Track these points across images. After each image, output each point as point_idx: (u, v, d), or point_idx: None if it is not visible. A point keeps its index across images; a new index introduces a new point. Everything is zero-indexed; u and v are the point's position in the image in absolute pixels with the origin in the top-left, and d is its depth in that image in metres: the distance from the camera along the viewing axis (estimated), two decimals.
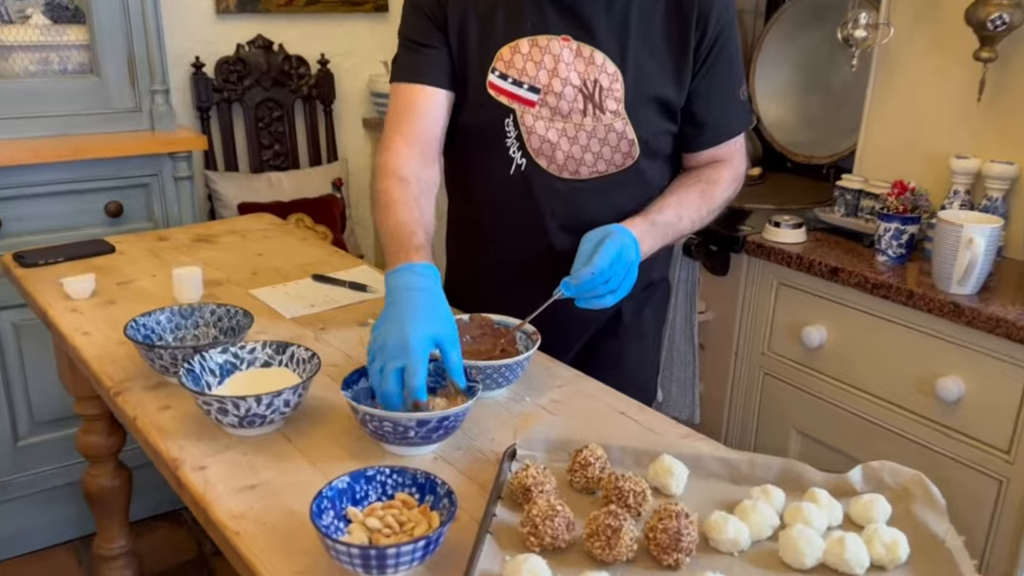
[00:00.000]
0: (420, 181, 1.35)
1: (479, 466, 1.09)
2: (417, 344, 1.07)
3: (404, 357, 1.06)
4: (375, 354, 1.09)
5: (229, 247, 1.94)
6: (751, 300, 1.88)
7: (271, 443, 1.14)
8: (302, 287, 1.69)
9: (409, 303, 1.12)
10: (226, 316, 1.38)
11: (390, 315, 1.11)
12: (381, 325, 1.11)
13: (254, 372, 1.23)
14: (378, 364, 1.08)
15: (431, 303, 1.14)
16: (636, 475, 1.00)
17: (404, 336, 1.07)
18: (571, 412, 1.23)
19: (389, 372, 1.06)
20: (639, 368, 1.56)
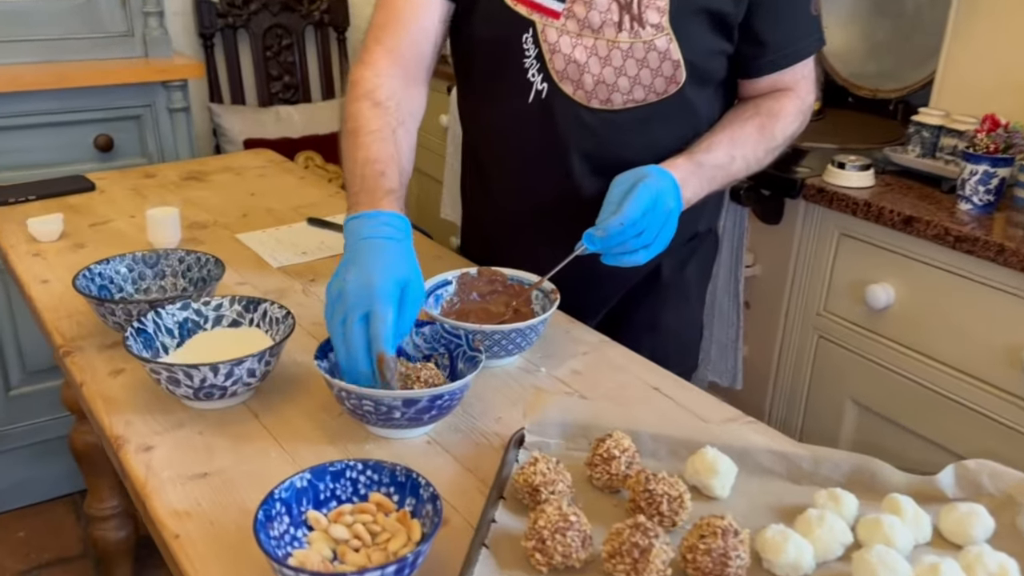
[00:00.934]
0: (400, 107, 1.12)
1: (480, 454, 0.90)
2: (384, 286, 0.88)
3: (368, 302, 0.87)
4: (333, 305, 0.89)
5: (221, 186, 1.75)
6: (807, 253, 1.65)
7: (234, 419, 0.95)
8: (295, 232, 1.49)
9: (372, 250, 0.92)
10: (195, 265, 1.19)
11: (350, 263, 0.92)
12: (338, 275, 0.91)
13: (219, 333, 1.05)
14: (338, 315, 0.88)
15: (399, 253, 0.94)
16: (671, 473, 0.80)
17: (368, 278, 0.88)
18: (594, 386, 1.03)
19: (352, 322, 0.87)
20: (680, 332, 1.35)
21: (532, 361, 1.09)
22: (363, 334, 0.87)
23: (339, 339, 0.88)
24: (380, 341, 0.86)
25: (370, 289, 0.88)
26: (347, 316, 0.87)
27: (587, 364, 1.08)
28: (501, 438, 0.93)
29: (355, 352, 0.87)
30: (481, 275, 1.15)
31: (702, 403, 1.01)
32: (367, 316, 0.87)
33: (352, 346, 0.87)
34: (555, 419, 0.91)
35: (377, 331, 0.86)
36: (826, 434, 1.67)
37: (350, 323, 0.87)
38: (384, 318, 0.87)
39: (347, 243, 0.95)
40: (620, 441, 0.84)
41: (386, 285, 0.88)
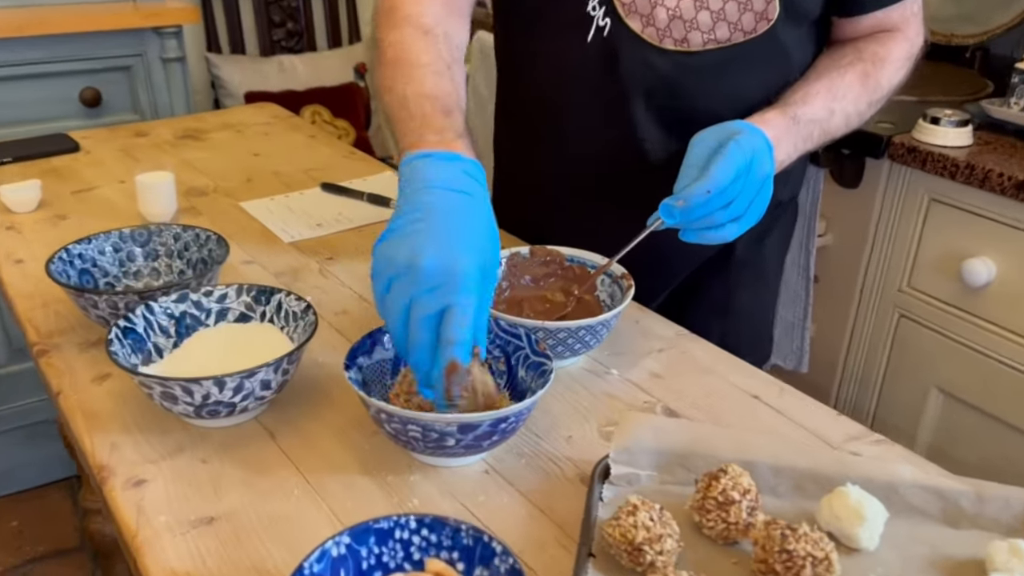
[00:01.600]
0: (450, 39, 0.91)
1: (552, 487, 0.73)
2: (470, 270, 0.67)
3: (449, 291, 0.66)
4: (394, 279, 0.68)
5: (220, 145, 1.55)
6: (890, 220, 1.46)
7: (245, 440, 0.77)
8: (307, 200, 1.30)
9: (453, 211, 0.71)
10: (194, 243, 1.00)
11: (419, 222, 0.69)
12: (398, 233, 0.69)
13: (225, 330, 0.86)
14: (401, 297, 0.67)
15: (483, 218, 0.73)
16: (807, 522, 0.63)
17: (450, 255, 0.67)
18: (679, 393, 0.85)
19: (422, 315, 0.66)
20: (754, 316, 1.17)
21: (599, 361, 0.90)
22: (431, 331, 0.67)
23: (399, 330, 0.68)
24: (455, 347, 0.66)
25: (453, 273, 0.66)
26: (415, 303, 0.66)
27: (666, 364, 0.90)
28: (575, 465, 0.75)
29: (418, 353, 0.67)
30: (534, 255, 0.96)
31: (815, 415, 0.83)
32: (443, 310, 0.67)
33: (416, 345, 0.67)
34: (647, 445, 0.73)
35: (454, 333, 0.66)
36: (903, 424, 1.49)
37: (419, 315, 0.66)
38: (466, 316, 0.66)
39: (410, 190, 0.72)
40: (738, 480, 0.66)
41: (472, 269, 0.67)
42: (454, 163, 0.74)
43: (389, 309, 0.69)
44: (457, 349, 0.66)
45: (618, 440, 0.73)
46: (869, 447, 0.78)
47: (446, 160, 0.74)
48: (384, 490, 0.72)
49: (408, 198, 0.72)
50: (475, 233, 0.70)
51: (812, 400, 0.85)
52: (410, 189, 0.72)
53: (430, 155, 0.74)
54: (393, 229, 0.70)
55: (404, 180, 0.74)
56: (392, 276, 0.68)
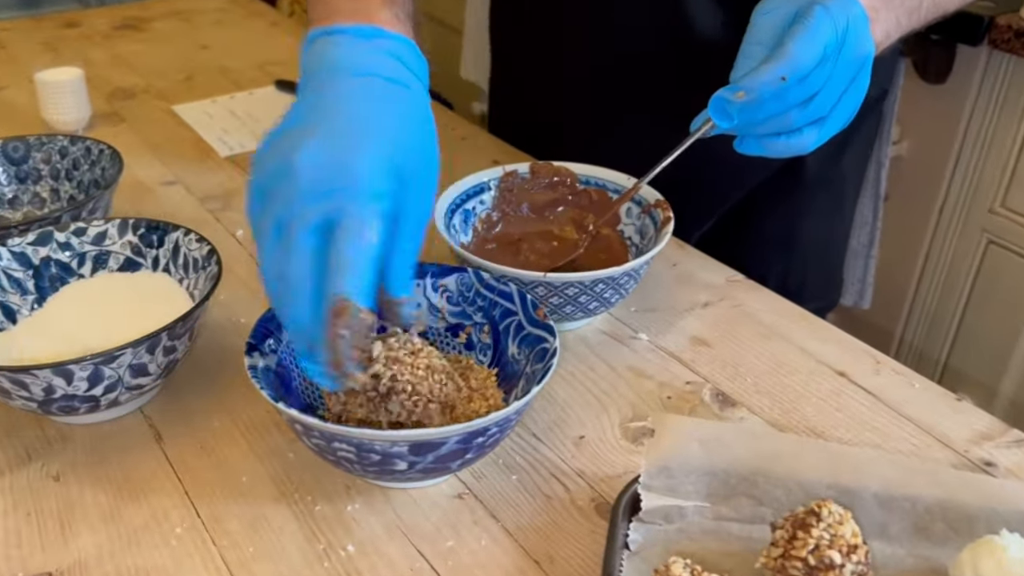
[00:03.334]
0: None
1: (555, 521, 0.50)
2: (371, 166, 0.45)
3: (336, 195, 0.44)
4: (265, 192, 0.45)
5: (163, 37, 1.28)
6: (984, 124, 1.18)
7: (120, 444, 0.55)
8: (256, 101, 1.04)
9: (355, 97, 0.48)
10: (84, 159, 0.75)
11: (307, 114, 0.47)
12: (279, 137, 0.47)
13: (104, 281, 0.62)
14: (270, 212, 0.45)
15: (405, 106, 0.49)
16: None
17: (341, 149, 0.45)
18: (735, 370, 0.61)
19: (298, 229, 0.43)
20: (824, 251, 0.92)
21: (623, 320, 0.66)
22: (314, 257, 0.44)
23: (271, 259, 0.45)
24: (344, 277, 0.43)
25: (344, 170, 0.44)
26: (291, 217, 0.44)
27: (714, 324, 0.66)
28: (588, 483, 0.52)
29: (293, 289, 0.44)
30: (536, 174, 0.71)
31: (927, 402, 0.58)
32: (328, 223, 0.44)
33: (291, 276, 0.43)
34: (694, 462, 0.49)
35: (343, 255, 0.43)
36: (982, 374, 1.25)
37: (293, 234, 0.43)
38: (363, 231, 0.43)
39: (309, 82, 0.50)
40: (838, 529, 0.43)
41: (374, 165, 0.44)
42: (373, 41, 0.50)
43: (258, 239, 0.45)
44: (347, 281, 0.43)
45: (653, 455, 0.49)
46: (1007, 452, 0.54)
47: (361, 37, 0.50)
48: (307, 529, 0.49)
49: (301, 88, 0.49)
50: (388, 122, 0.47)
51: (922, 378, 0.61)
52: (309, 80, 0.49)
53: (334, 30, 0.51)
54: (277, 130, 0.47)
55: (304, 67, 0.51)
56: (260, 185, 0.46)
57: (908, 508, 0.48)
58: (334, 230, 0.43)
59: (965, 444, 0.55)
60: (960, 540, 0.47)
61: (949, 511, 0.48)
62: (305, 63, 0.51)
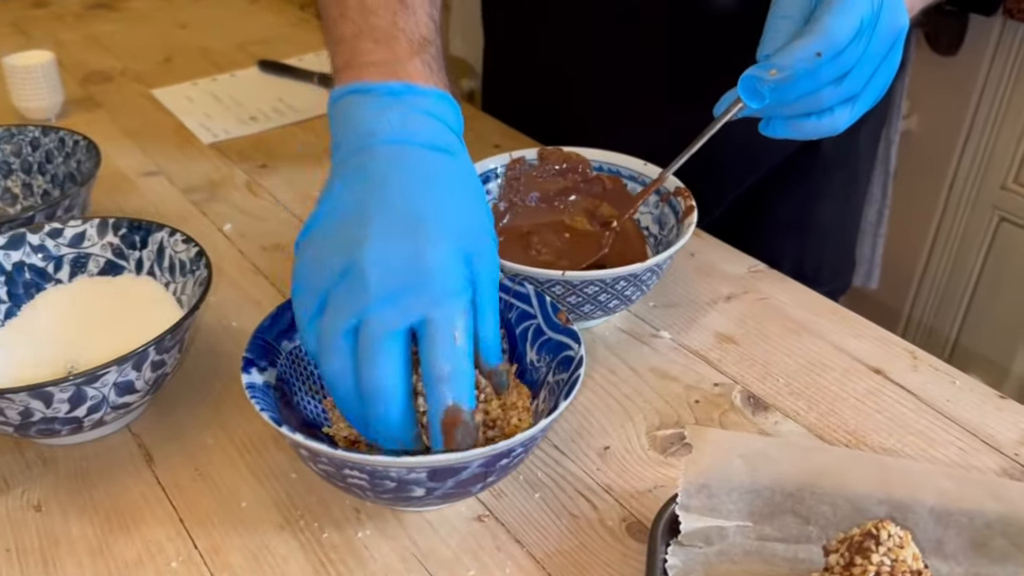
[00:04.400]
0: None
1: (583, 543, 0.46)
2: (447, 263, 0.41)
3: (419, 296, 0.40)
4: (323, 297, 0.41)
5: (139, 17, 1.22)
6: (996, 97, 1.14)
7: (106, 467, 0.50)
8: (240, 84, 0.99)
9: (414, 175, 0.43)
10: (58, 151, 0.70)
11: (359, 201, 0.43)
12: (330, 227, 0.43)
13: (84, 287, 0.58)
14: (339, 320, 0.40)
15: (461, 182, 0.45)
16: None
17: (412, 244, 0.41)
18: (765, 368, 0.58)
19: (377, 337, 0.39)
20: (839, 233, 0.88)
21: (642, 317, 0.62)
22: (400, 367, 0.40)
23: (343, 368, 0.41)
24: (450, 385, 0.40)
25: (419, 269, 0.40)
26: (365, 324, 0.40)
27: (739, 319, 0.62)
28: (617, 500, 0.48)
29: (386, 400, 0.40)
30: (545, 160, 0.66)
31: (969, 400, 0.55)
32: (413, 329, 0.40)
33: (383, 387, 0.40)
34: (735, 479, 0.46)
35: (444, 365, 0.40)
36: (993, 354, 1.23)
37: (376, 339, 0.40)
38: (453, 334, 0.40)
39: (343, 150, 0.45)
40: (899, 553, 0.39)
41: (448, 260, 0.41)
42: (410, 99, 0.45)
43: (324, 344, 0.41)
44: (454, 390, 0.40)
45: (692, 472, 0.46)
46: None
47: (395, 96, 0.45)
48: (314, 559, 0.45)
49: (341, 164, 0.45)
50: (446, 204, 0.43)
51: (962, 375, 0.57)
52: (343, 148, 0.45)
53: (370, 89, 0.45)
54: (319, 216, 0.44)
55: (333, 132, 0.47)
56: (324, 290, 0.41)
57: (965, 523, 0.44)
58: (422, 336, 0.40)
59: (1014, 446, 0.52)
60: (1022, 556, 0.43)
61: (1010, 526, 0.44)
62: (334, 127, 0.47)
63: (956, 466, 0.50)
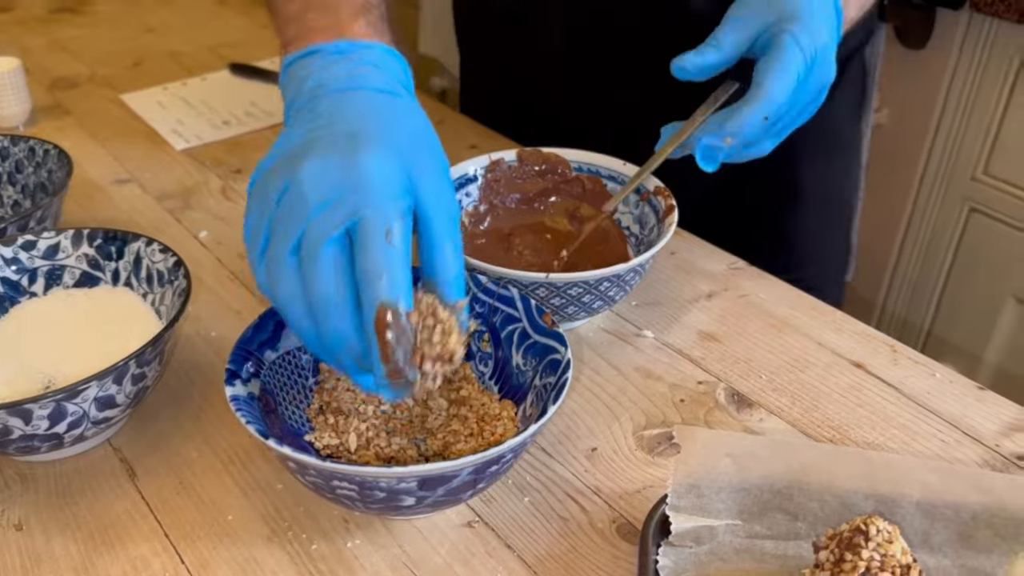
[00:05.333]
0: None
1: (573, 546, 0.46)
2: (381, 168, 0.40)
3: (356, 201, 0.40)
4: (270, 214, 0.41)
5: (106, 20, 1.20)
6: (965, 90, 1.16)
7: (88, 483, 0.50)
8: (211, 87, 0.98)
9: (352, 109, 0.44)
10: (28, 161, 0.69)
11: (303, 135, 0.43)
12: (275, 162, 0.43)
13: (60, 300, 0.57)
14: (285, 236, 0.40)
15: (404, 114, 0.45)
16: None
17: (346, 154, 0.41)
18: (747, 364, 0.58)
19: (319, 244, 0.39)
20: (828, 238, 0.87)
21: (624, 317, 0.62)
22: (343, 270, 0.39)
23: (291, 285, 0.40)
24: (381, 282, 0.38)
25: (352, 176, 0.40)
26: (307, 234, 0.39)
27: (720, 316, 0.62)
28: (606, 502, 0.48)
29: (330, 306, 0.39)
30: (524, 162, 0.66)
31: (950, 392, 0.56)
32: (348, 233, 0.40)
33: (324, 294, 0.39)
34: (724, 478, 0.46)
35: (375, 262, 0.38)
36: (966, 343, 1.24)
37: (315, 247, 0.39)
38: (385, 232, 0.39)
39: (289, 106, 0.46)
40: (888, 548, 0.40)
41: (383, 166, 0.40)
42: (350, 55, 0.46)
43: (272, 271, 0.40)
44: (385, 286, 0.38)
45: (681, 473, 0.46)
46: None
47: (338, 54, 0.46)
48: (304, 571, 0.44)
49: (291, 117, 0.46)
50: (387, 127, 0.43)
51: (941, 367, 0.58)
52: (294, 104, 0.46)
53: (317, 50, 0.47)
54: (266, 160, 0.44)
55: (285, 95, 0.47)
56: (268, 219, 0.41)
57: (951, 516, 0.45)
58: (355, 239, 0.39)
59: (995, 437, 0.52)
60: (1007, 546, 0.44)
61: (994, 517, 0.45)
62: (285, 91, 0.47)
63: (939, 459, 0.51)
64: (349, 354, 0.40)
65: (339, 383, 0.51)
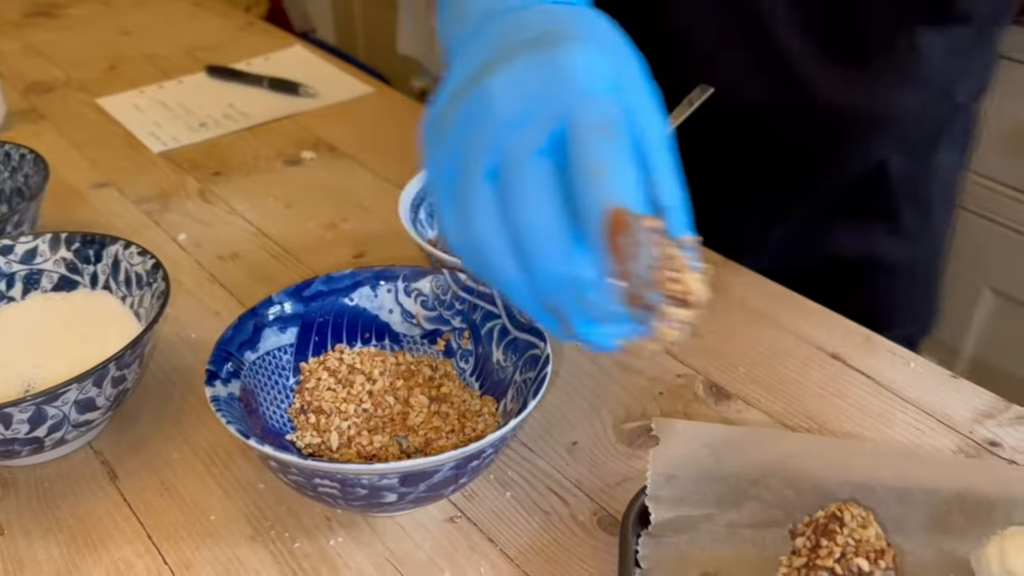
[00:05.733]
0: None
1: (555, 540, 0.46)
2: (585, 68, 0.33)
3: (557, 101, 0.33)
4: (457, 144, 0.35)
5: (80, 23, 1.19)
6: None
7: (69, 485, 0.49)
8: (188, 90, 0.97)
9: (536, 19, 0.37)
10: (4, 166, 0.69)
11: (478, 57, 0.37)
12: (455, 88, 0.37)
13: (38, 304, 0.56)
14: (480, 153, 0.33)
15: (597, 21, 0.37)
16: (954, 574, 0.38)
17: (542, 62, 0.34)
18: (727, 358, 0.59)
19: (523, 154, 0.32)
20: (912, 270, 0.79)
21: None
22: (554, 189, 0.33)
23: (485, 215, 0.34)
24: (607, 180, 0.31)
25: (554, 76, 0.33)
26: (505, 152, 0.33)
27: (702, 312, 0.63)
28: (587, 495, 0.49)
29: (541, 231, 0.33)
30: None
31: (924, 380, 0.57)
32: (557, 142, 0.33)
33: (533, 217, 0.33)
34: (701, 468, 0.46)
35: (598, 161, 0.32)
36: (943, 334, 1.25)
37: (517, 164, 0.33)
38: (605, 127, 0.32)
39: (458, 40, 0.40)
40: (863, 533, 0.41)
41: (588, 63, 0.34)
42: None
43: (463, 199, 0.34)
44: (612, 184, 0.31)
45: (658, 464, 0.46)
46: (1011, 430, 0.53)
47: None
48: (287, 570, 0.45)
49: (457, 52, 0.39)
50: (579, 30, 0.36)
51: (916, 357, 0.59)
52: (460, 39, 0.39)
53: None
54: (441, 96, 0.37)
55: (446, 39, 0.41)
56: (454, 151, 0.35)
57: (925, 501, 0.46)
58: (568, 142, 0.32)
59: (969, 424, 0.53)
60: (979, 530, 0.45)
61: (966, 502, 0.46)
62: (444, 35, 0.41)
63: (914, 446, 0.52)
64: (571, 293, 0.33)
65: (320, 382, 0.51)
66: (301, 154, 0.83)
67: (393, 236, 0.69)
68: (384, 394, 0.51)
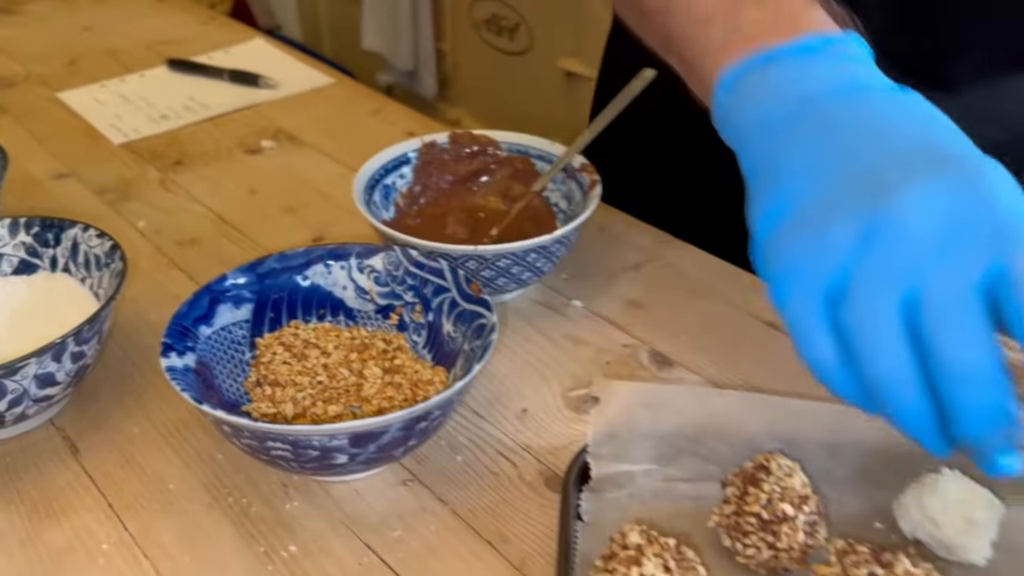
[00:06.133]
0: None
1: (504, 499, 0.48)
2: (1012, 198, 0.34)
3: (992, 245, 0.33)
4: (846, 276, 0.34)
5: (40, 20, 1.19)
6: None
7: (31, 460, 0.51)
8: (149, 83, 0.98)
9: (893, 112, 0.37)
10: None
11: (841, 158, 0.36)
12: (821, 193, 0.36)
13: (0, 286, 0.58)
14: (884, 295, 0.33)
15: (945, 121, 0.37)
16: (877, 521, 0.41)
17: (969, 184, 0.34)
18: (669, 327, 0.61)
19: (961, 291, 0.32)
20: None
21: (555, 288, 0.65)
22: (987, 326, 0.33)
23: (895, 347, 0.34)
24: None
25: (983, 204, 0.33)
26: (929, 283, 0.33)
27: (646, 286, 0.65)
28: (535, 457, 0.51)
29: (979, 373, 0.33)
30: (457, 143, 0.69)
31: None
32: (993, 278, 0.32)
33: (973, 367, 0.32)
34: (640, 427, 0.49)
35: None
36: None
37: (952, 299, 0.32)
38: None
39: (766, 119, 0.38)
40: (788, 482, 0.43)
41: (1013, 192, 0.34)
42: (826, 52, 0.39)
43: (869, 334, 0.34)
44: None
45: (600, 423, 0.49)
46: None
47: (812, 52, 0.38)
48: (245, 533, 0.46)
49: (769, 143, 0.38)
50: (957, 137, 0.36)
51: None
52: (770, 118, 0.38)
53: (779, 54, 0.38)
54: (780, 201, 0.36)
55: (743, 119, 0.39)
56: (838, 269, 0.34)
57: (851, 453, 0.49)
58: (1004, 287, 0.31)
59: None
60: (901, 479, 0.48)
61: (888, 453, 0.48)
62: (738, 115, 0.39)
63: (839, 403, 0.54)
64: (997, 427, 0.33)
65: (275, 356, 0.53)
66: (261, 143, 0.85)
67: (350, 219, 0.71)
68: (339, 367, 0.52)
